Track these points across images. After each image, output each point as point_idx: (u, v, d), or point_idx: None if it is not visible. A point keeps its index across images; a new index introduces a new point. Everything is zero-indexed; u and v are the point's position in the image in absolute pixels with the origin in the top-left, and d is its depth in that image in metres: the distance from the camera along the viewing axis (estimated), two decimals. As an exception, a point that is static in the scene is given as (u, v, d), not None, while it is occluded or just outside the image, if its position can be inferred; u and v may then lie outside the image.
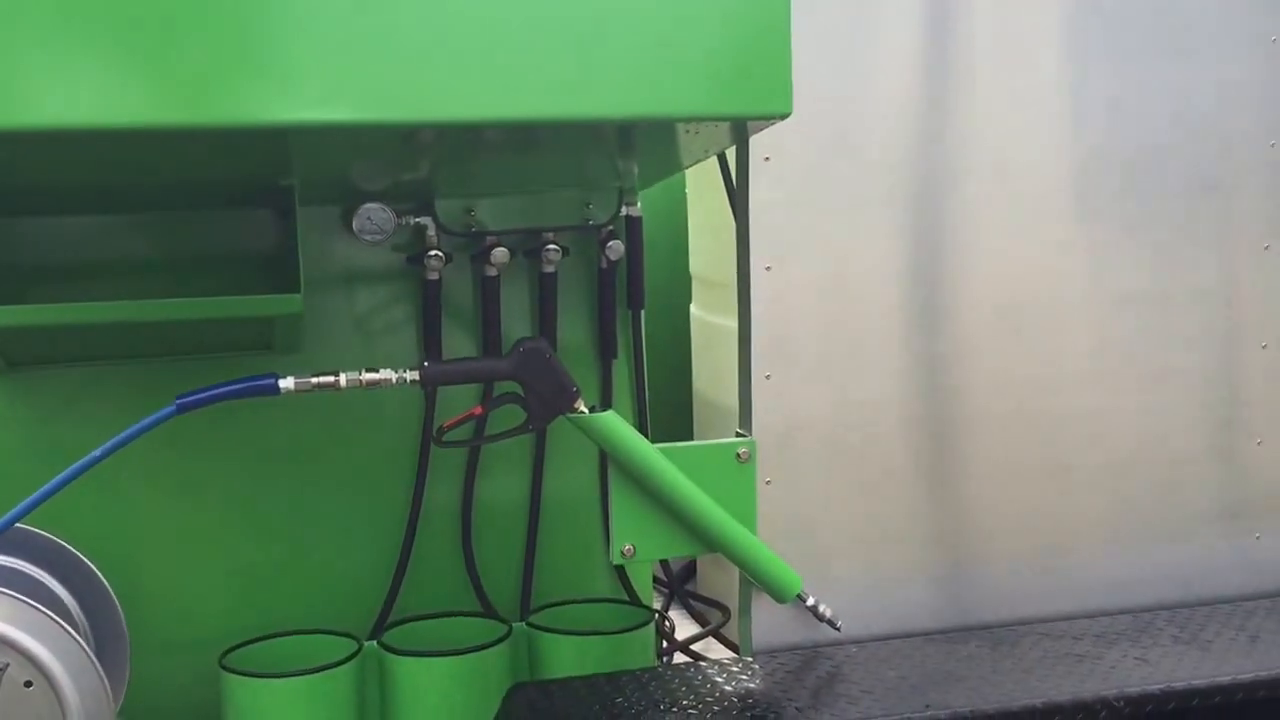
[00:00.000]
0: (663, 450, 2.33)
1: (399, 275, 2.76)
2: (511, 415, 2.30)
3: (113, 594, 2.57)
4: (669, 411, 3.10)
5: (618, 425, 2.30)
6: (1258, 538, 2.72)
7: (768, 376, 2.43)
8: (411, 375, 2.26)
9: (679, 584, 3.38)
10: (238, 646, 2.60)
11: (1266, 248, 2.65)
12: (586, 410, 2.29)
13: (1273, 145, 2.63)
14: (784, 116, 2.03)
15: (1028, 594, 2.62)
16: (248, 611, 2.73)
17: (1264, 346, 2.67)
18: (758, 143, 2.37)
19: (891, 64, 2.44)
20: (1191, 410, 2.66)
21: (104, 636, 2.55)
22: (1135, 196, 2.58)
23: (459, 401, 2.67)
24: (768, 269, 2.40)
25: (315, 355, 2.69)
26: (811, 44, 2.33)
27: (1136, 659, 2.42)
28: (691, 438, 3.36)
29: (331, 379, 2.24)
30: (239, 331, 2.60)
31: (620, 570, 2.92)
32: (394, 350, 2.78)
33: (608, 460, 2.34)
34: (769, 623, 2.50)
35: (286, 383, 2.23)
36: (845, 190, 2.45)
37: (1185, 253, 2.63)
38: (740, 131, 2.26)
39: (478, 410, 2.29)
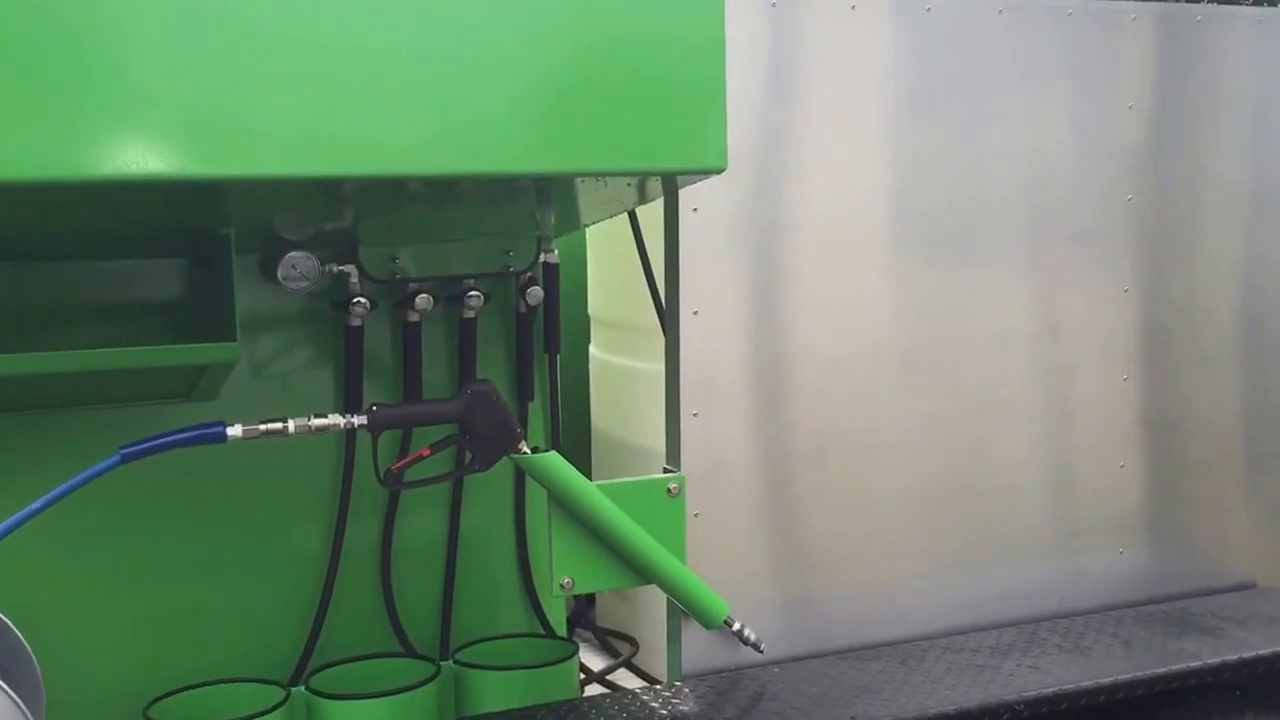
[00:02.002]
0: (600, 488, 2.44)
1: (315, 321, 2.79)
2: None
3: (28, 647, 2.51)
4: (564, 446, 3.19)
5: (560, 465, 2.40)
6: (1121, 552, 3.00)
7: (695, 415, 2.56)
8: (360, 420, 2.31)
9: (582, 616, 3.47)
10: (161, 698, 2.58)
11: (1126, 290, 2.94)
12: (529, 451, 2.38)
13: (1129, 199, 2.92)
14: (718, 171, 2.17)
15: (923, 611, 2.82)
16: (162, 661, 2.69)
17: (1125, 379, 2.96)
18: (684, 193, 2.51)
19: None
20: (1063, 438, 2.93)
21: (20, 692, 2.49)
22: (1023, 243, 2.84)
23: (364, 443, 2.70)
24: (695, 313, 2.54)
25: (232, 403, 2.68)
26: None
27: (1029, 667, 2.65)
28: (590, 474, 3.47)
29: (280, 425, 2.28)
30: (161, 381, 2.58)
31: (535, 604, 3.00)
32: (311, 395, 2.80)
33: (548, 498, 2.43)
34: (691, 648, 2.63)
35: (234, 430, 2.25)
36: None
37: (1056, 295, 2.89)
38: (671, 184, 2.41)
39: (426, 451, 2.36)
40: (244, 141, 1.85)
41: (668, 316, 2.58)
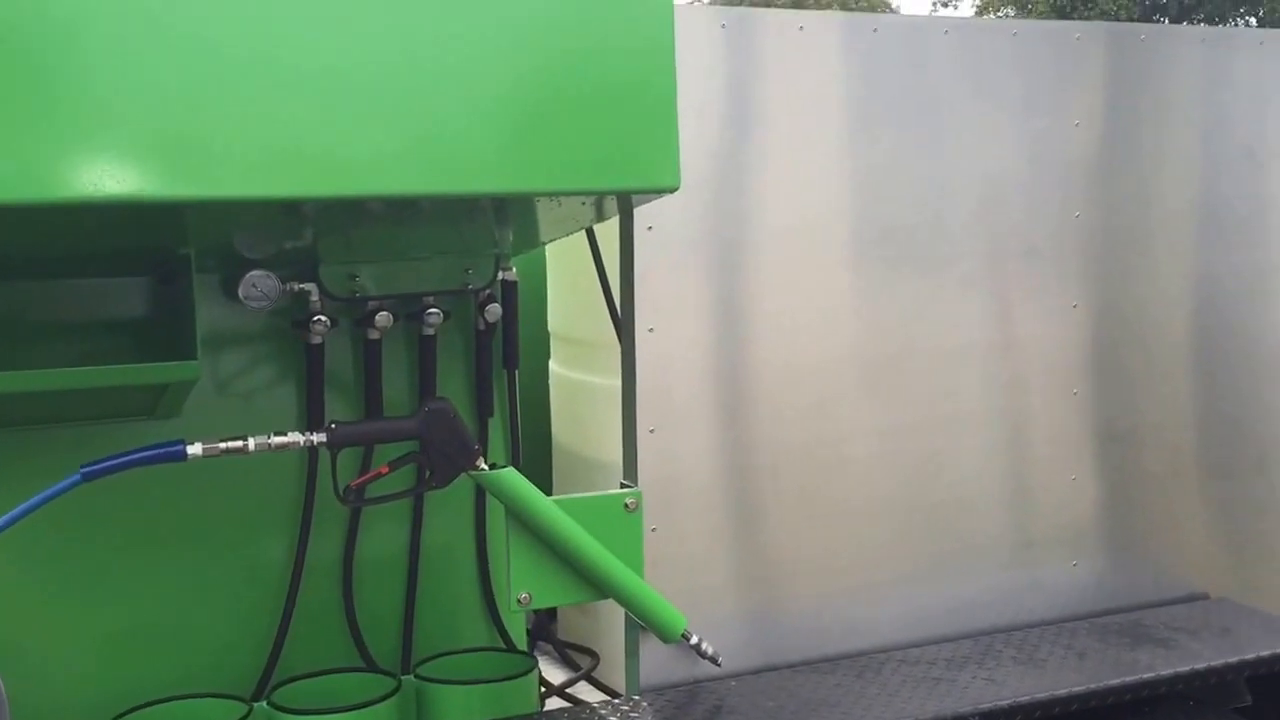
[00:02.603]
0: (558, 503, 2.47)
1: (276, 338, 2.81)
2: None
3: (-10, 662, 2.52)
4: (524, 461, 3.21)
5: (517, 481, 2.42)
6: (1074, 564, 3.04)
7: (651, 431, 2.59)
8: (319, 437, 2.33)
9: (543, 629, 3.49)
10: (124, 713, 2.59)
11: (1076, 305, 2.99)
12: (487, 467, 2.41)
13: (1077, 216, 2.97)
14: (672, 190, 2.21)
15: (880, 623, 2.86)
16: (125, 677, 2.70)
17: (1075, 393, 3.00)
18: (640, 212, 2.55)
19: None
20: (1016, 451, 2.97)
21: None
22: (976, 259, 2.89)
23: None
24: (651, 330, 2.57)
25: (194, 420, 2.70)
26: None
27: (985, 679, 2.69)
28: (550, 488, 3.49)
29: (240, 443, 2.30)
30: (122, 399, 2.59)
31: (495, 618, 3.02)
32: (273, 412, 2.81)
33: (506, 514, 2.45)
34: (650, 662, 2.66)
35: (194, 449, 2.27)
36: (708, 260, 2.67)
37: (1008, 310, 2.94)
38: (626, 203, 2.44)
39: (384, 469, 2.38)
40: (206, 163, 1.88)
41: (624, 333, 2.61)
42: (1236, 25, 26.60)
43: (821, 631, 2.79)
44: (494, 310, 2.86)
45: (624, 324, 2.61)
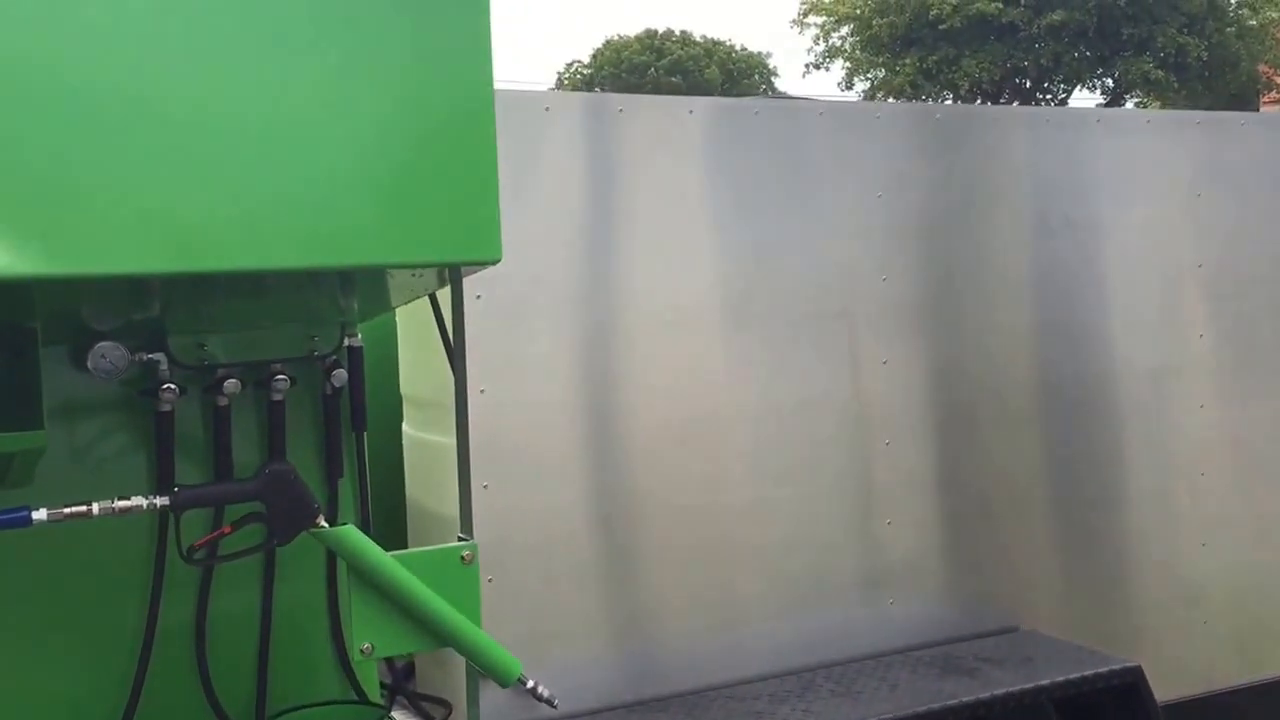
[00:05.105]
0: (396, 557, 2.61)
1: (127, 406, 2.91)
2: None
3: None
4: (379, 519, 3.34)
5: (356, 537, 2.56)
6: (891, 603, 3.26)
7: (485, 486, 2.76)
8: (163, 501, 2.44)
9: (401, 683, 3.60)
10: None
11: (885, 362, 3.24)
12: (327, 525, 2.54)
13: (884, 279, 3.23)
14: (494, 262, 2.38)
15: (710, 663, 3.04)
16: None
17: (888, 443, 3.24)
18: (469, 282, 2.73)
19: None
20: (834, 498, 3.19)
21: None
22: (792, 321, 3.13)
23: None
24: (482, 391, 2.75)
25: (45, 488, 2.76)
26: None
27: (803, 711, 2.89)
28: (405, 542, 3.62)
29: (84, 508, 2.40)
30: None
31: (348, 672, 3.14)
32: (124, 478, 2.90)
33: (347, 568, 2.58)
34: (490, 708, 2.80)
35: (40, 514, 2.37)
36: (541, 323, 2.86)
37: (822, 368, 3.17)
38: (455, 273, 2.61)
39: (227, 529, 2.50)
40: (49, 241, 1.97)
41: (457, 395, 2.78)
42: (1094, 86, 27.85)
43: (654, 673, 2.97)
44: (340, 376, 3.00)
45: (457, 386, 2.78)
